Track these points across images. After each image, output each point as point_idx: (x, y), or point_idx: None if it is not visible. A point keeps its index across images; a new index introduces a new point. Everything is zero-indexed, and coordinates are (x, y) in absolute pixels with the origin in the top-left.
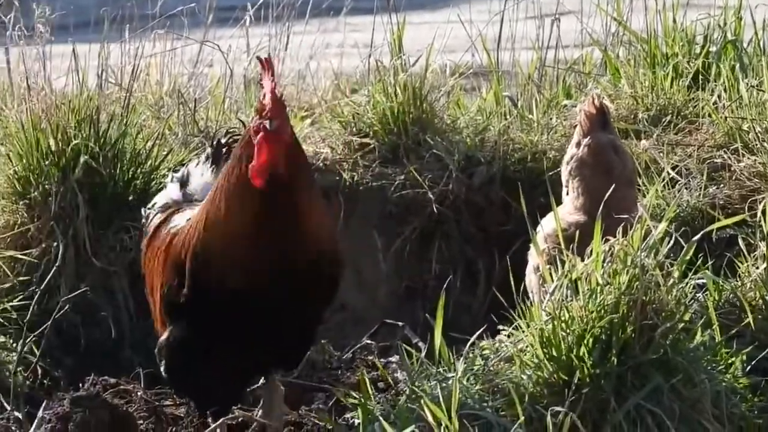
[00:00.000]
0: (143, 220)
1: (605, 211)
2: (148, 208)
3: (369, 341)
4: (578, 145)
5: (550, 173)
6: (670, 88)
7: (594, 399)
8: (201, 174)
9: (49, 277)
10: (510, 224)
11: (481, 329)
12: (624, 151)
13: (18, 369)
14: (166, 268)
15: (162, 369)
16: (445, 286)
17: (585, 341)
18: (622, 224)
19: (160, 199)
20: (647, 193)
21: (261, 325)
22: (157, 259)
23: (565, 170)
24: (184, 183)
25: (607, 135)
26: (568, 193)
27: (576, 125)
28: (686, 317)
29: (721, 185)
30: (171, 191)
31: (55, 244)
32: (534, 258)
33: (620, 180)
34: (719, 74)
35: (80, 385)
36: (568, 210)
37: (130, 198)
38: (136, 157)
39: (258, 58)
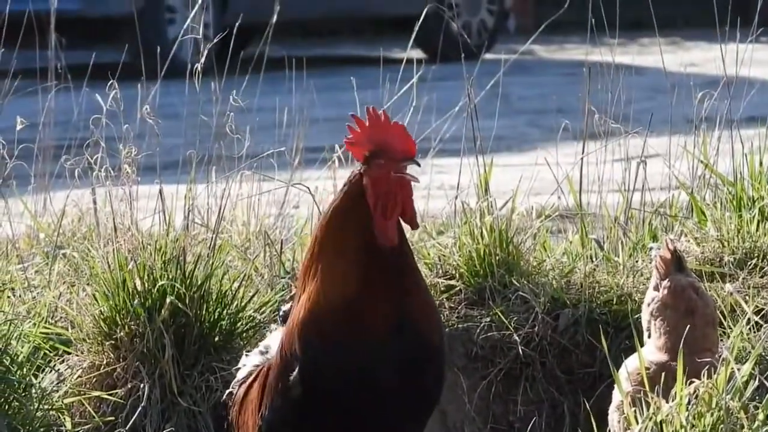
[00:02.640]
0: (227, 400)
1: (686, 351)
2: (231, 387)
3: None
4: (657, 288)
5: (636, 316)
6: (756, 231)
7: None
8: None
9: (134, 417)
10: (595, 366)
11: None
12: (704, 292)
13: None
14: (266, 390)
15: None
16: (530, 428)
17: None
18: (706, 366)
19: (242, 373)
20: (731, 335)
21: (372, 410)
22: (251, 403)
23: (646, 312)
24: (264, 352)
25: (685, 277)
26: (650, 336)
27: (653, 269)
28: None
29: None
30: (252, 361)
31: (141, 384)
32: (617, 398)
33: (703, 320)
34: None
35: None
36: (650, 351)
37: (216, 339)
38: (222, 298)
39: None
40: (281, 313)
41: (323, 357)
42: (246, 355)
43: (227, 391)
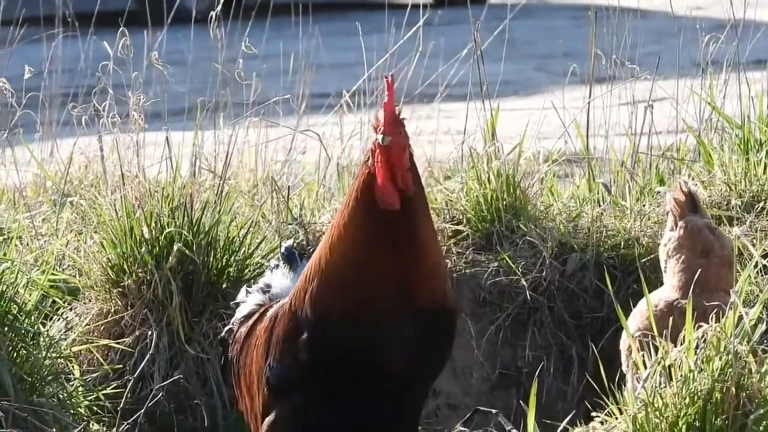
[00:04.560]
0: (227, 336)
1: (698, 291)
2: (230, 325)
3: (463, 428)
4: (673, 228)
5: (643, 260)
6: (763, 174)
7: None
8: (283, 275)
9: (142, 364)
10: (603, 311)
11: (573, 415)
12: (721, 233)
13: None
14: (272, 341)
15: None
16: (538, 372)
17: (678, 428)
18: (715, 308)
19: (242, 311)
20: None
21: (379, 379)
22: (256, 348)
23: (662, 252)
24: (266, 290)
25: (701, 218)
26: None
27: (668, 212)
28: None
29: None
30: (253, 299)
31: (148, 332)
32: (625, 342)
33: (719, 261)
34: None
35: None
36: (664, 290)
37: (224, 285)
38: (229, 244)
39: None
40: (283, 249)
41: (332, 329)
42: (247, 291)
43: (226, 328)
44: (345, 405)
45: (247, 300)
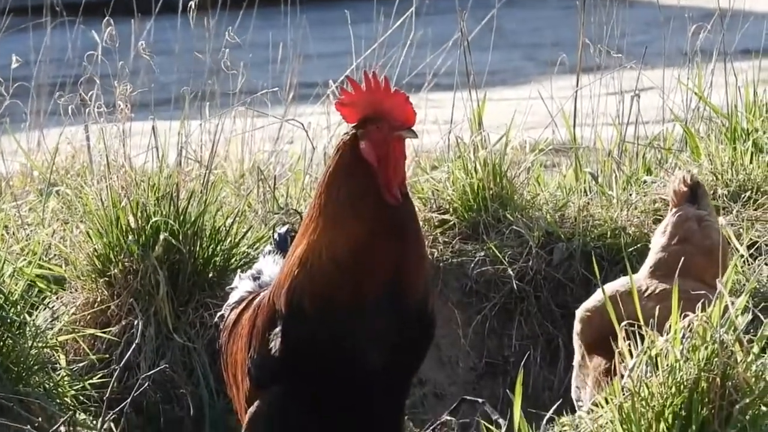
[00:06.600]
0: (219, 322)
1: (661, 274)
2: (222, 310)
3: (449, 417)
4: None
5: (630, 249)
6: (750, 164)
7: None
8: (274, 262)
9: (128, 354)
10: None
11: (559, 404)
12: (709, 225)
13: None
14: (254, 332)
15: None
16: (524, 362)
17: (664, 417)
18: (668, 291)
19: (233, 297)
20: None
21: (358, 372)
22: (241, 338)
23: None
24: (257, 277)
25: (694, 209)
26: None
27: (668, 200)
28: (766, 393)
29: None
30: (244, 286)
31: (135, 321)
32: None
33: (696, 249)
34: None
35: None
36: (643, 275)
37: (210, 275)
38: (215, 234)
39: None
40: (275, 236)
41: (305, 324)
42: (240, 276)
43: (219, 314)
44: (323, 400)
45: (239, 286)
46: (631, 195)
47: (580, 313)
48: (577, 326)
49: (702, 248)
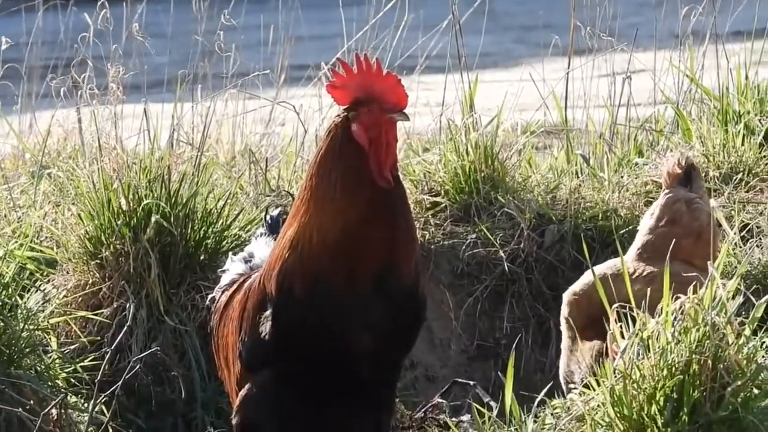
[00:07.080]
0: (211, 304)
1: (647, 256)
2: (214, 293)
3: (440, 400)
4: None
5: (621, 231)
6: (741, 146)
7: None
8: (266, 244)
9: (120, 336)
10: None
11: (551, 387)
12: (698, 208)
13: (89, 429)
14: (245, 315)
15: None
16: (516, 344)
17: (656, 400)
18: (653, 273)
19: (225, 280)
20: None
21: (348, 356)
22: (232, 321)
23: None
24: (248, 259)
25: (685, 191)
26: None
27: (660, 182)
28: (757, 376)
29: None
30: (235, 268)
31: (126, 303)
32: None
33: (683, 231)
34: None
35: None
36: (630, 257)
37: (202, 257)
38: (207, 216)
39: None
40: (267, 218)
41: (295, 307)
42: (231, 259)
43: (210, 296)
44: (314, 382)
45: (230, 269)
46: (622, 177)
47: (567, 296)
48: (564, 309)
49: (690, 230)
